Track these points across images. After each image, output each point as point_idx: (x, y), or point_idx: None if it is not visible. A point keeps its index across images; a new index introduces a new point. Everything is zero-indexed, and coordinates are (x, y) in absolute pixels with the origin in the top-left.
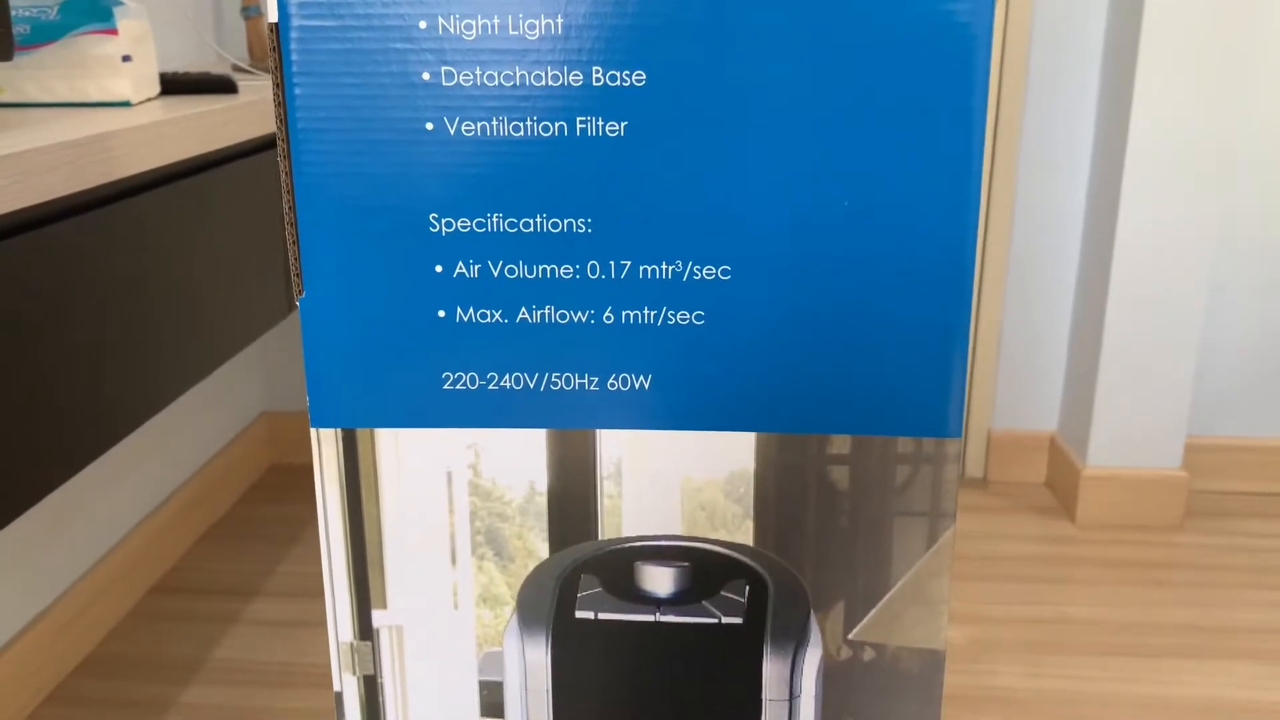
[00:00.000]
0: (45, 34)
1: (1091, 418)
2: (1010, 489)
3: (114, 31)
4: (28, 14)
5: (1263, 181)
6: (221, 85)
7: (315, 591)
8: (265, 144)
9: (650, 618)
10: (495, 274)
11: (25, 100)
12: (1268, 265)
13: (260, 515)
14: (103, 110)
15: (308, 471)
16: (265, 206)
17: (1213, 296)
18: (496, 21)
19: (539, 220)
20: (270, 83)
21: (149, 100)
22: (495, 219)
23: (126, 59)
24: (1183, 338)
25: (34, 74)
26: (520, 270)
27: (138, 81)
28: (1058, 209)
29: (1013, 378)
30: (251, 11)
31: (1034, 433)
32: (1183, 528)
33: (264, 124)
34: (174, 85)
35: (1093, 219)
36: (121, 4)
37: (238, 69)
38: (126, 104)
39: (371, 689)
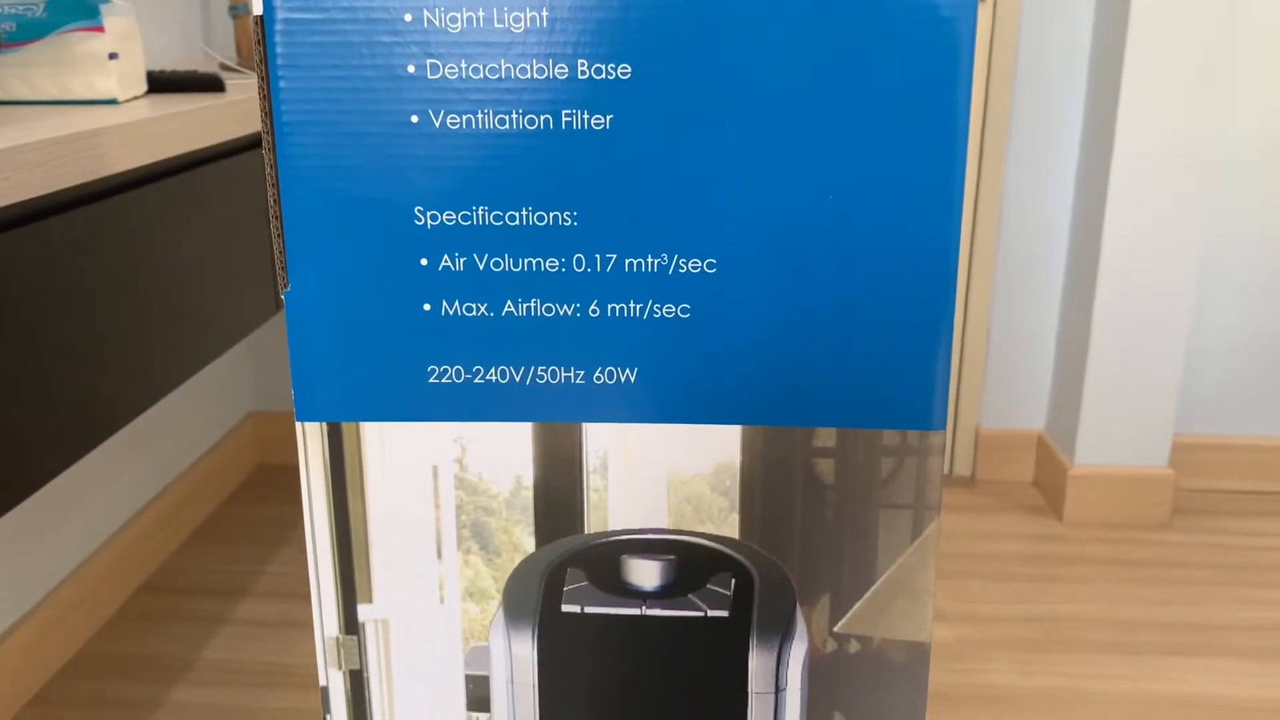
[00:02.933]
0: (32, 31)
1: (1079, 417)
2: (998, 488)
3: (100, 29)
4: (14, 11)
5: (1251, 181)
6: (209, 83)
7: (304, 592)
8: (253, 142)
9: (636, 611)
10: (481, 267)
11: (11, 98)
12: (1256, 264)
13: (248, 515)
14: (89, 108)
15: (295, 472)
16: (253, 205)
17: (1200, 296)
18: (481, 14)
19: (524, 213)
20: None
21: (136, 98)
22: (480, 212)
23: (113, 56)
24: (1170, 337)
25: (20, 71)
26: (506, 263)
27: (125, 79)
28: (1045, 208)
29: (1000, 377)
30: (239, 10)
31: (1022, 431)
32: (1170, 526)
33: (252, 122)
34: (161, 83)
35: (1080, 218)
36: (109, 1)
37: (226, 68)
38: (113, 101)
39: (358, 684)
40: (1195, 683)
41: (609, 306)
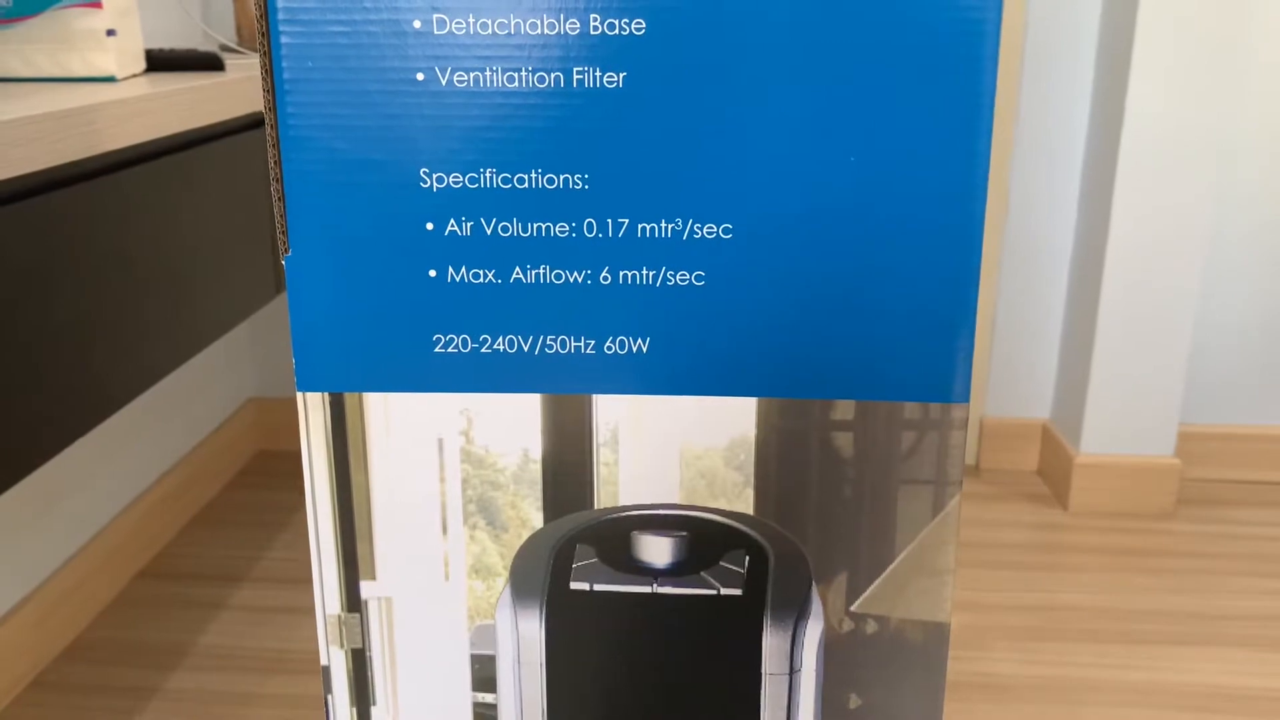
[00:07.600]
0: (28, 7)
1: (1085, 405)
2: (1002, 477)
3: (98, 5)
4: None
5: (1259, 168)
6: (209, 62)
7: (302, 578)
8: (253, 123)
9: (647, 589)
10: (488, 232)
11: (7, 75)
12: (1262, 253)
13: (247, 501)
14: (87, 85)
15: (295, 458)
16: (252, 186)
17: (1207, 284)
18: None
19: (534, 176)
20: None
21: (134, 76)
22: (488, 174)
23: (111, 33)
24: (1177, 325)
25: (17, 48)
26: (514, 228)
27: (123, 56)
28: (1052, 195)
29: (1005, 365)
30: None
31: (1026, 420)
32: (1175, 515)
33: (252, 102)
34: (160, 62)
35: (1087, 206)
36: None
37: (225, 48)
38: (111, 79)
39: (360, 663)
40: (1199, 672)
41: (621, 273)
